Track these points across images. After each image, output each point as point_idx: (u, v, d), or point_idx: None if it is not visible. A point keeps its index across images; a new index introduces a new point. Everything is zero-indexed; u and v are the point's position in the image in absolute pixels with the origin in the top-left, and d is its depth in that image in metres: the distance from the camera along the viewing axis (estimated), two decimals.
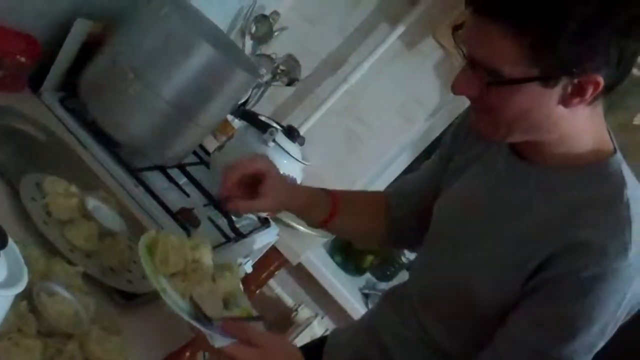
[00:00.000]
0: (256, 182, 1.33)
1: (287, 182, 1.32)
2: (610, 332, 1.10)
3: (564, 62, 1.01)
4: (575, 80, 1.04)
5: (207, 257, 1.21)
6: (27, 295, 0.95)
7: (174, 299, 1.11)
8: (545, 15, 0.99)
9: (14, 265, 0.81)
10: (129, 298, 1.23)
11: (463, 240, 1.24)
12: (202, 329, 1.08)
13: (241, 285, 1.26)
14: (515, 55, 1.01)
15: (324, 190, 1.48)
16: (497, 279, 1.16)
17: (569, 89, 1.05)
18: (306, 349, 1.70)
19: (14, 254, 0.82)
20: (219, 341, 1.07)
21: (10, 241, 0.80)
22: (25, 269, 0.82)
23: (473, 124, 1.21)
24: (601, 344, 1.11)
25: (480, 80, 1.08)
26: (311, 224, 1.52)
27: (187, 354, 1.81)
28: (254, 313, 1.22)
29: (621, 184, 1.12)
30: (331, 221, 1.46)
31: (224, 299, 1.19)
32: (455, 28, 1.11)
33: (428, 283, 1.31)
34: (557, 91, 1.05)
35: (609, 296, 1.07)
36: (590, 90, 1.04)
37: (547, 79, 1.03)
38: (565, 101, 1.06)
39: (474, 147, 1.32)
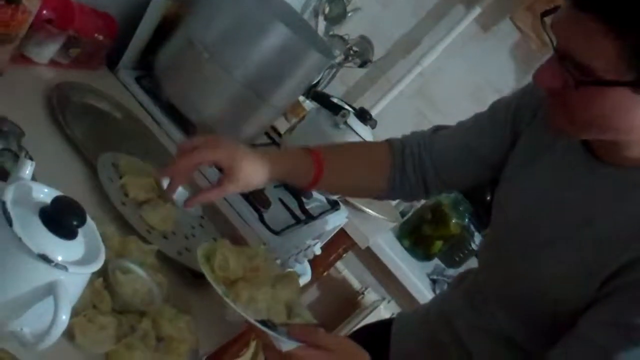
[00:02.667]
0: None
1: (257, 159, 1.26)
2: None
3: None
4: None
5: (265, 265, 1.17)
6: (102, 273, 0.95)
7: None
8: None
9: (92, 242, 0.82)
10: (199, 276, 1.24)
11: (534, 241, 1.20)
12: (269, 332, 1.05)
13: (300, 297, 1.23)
14: (613, 57, 0.95)
15: (305, 150, 1.39)
16: (572, 283, 1.12)
17: None
18: (371, 329, 1.70)
19: (92, 232, 0.83)
20: (287, 345, 1.05)
21: (89, 219, 0.81)
22: (102, 247, 0.82)
23: (549, 118, 1.15)
24: None
25: (567, 75, 1.01)
26: (298, 187, 1.50)
27: (253, 335, 1.82)
28: (315, 323, 1.18)
29: None
30: (317, 183, 1.40)
31: (285, 307, 1.15)
32: (544, 14, 1.06)
33: (501, 280, 1.28)
34: None
35: None
36: None
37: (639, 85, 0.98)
38: None
39: (543, 135, 1.26)
